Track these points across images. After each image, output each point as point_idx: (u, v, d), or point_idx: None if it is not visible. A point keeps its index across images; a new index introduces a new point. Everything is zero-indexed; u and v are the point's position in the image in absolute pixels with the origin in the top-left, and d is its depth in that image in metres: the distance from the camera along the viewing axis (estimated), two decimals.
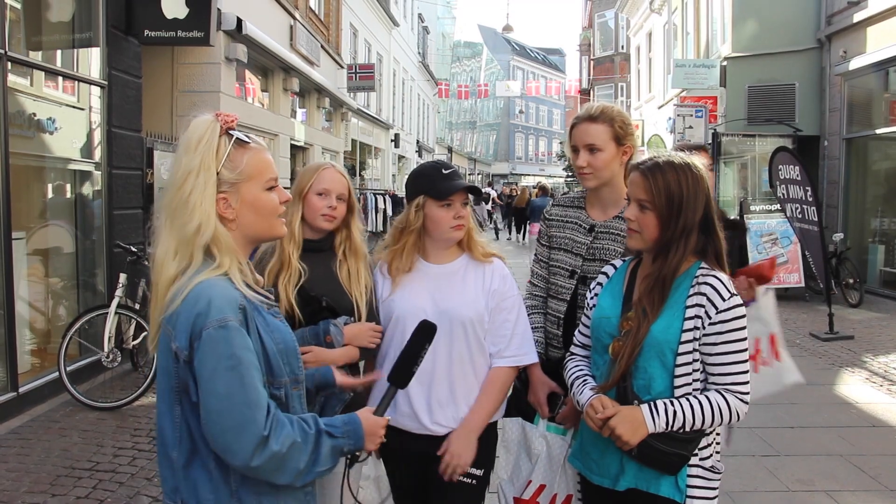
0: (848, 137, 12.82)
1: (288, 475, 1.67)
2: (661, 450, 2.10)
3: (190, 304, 1.64)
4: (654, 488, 2.15)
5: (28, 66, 6.47)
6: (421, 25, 36.69)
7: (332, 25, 18.13)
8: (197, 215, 1.69)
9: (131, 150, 7.59)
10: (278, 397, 1.74)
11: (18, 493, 4.42)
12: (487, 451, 2.59)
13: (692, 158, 2.23)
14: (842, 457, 5.07)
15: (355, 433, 1.80)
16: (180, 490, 1.72)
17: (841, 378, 7.18)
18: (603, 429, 2.11)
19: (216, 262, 1.70)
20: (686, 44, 18.93)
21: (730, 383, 2.12)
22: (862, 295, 10.99)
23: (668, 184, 2.15)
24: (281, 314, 1.85)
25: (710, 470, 2.19)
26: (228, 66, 10.30)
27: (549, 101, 68.27)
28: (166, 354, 1.69)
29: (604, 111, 2.71)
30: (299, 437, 1.67)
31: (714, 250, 2.22)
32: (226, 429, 1.61)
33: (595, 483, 2.28)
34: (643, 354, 2.14)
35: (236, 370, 1.61)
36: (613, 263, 2.44)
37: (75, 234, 7.24)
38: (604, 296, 2.35)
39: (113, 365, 6.36)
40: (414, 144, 33.81)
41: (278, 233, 1.88)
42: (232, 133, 1.76)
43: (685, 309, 2.14)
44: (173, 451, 1.72)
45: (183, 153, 1.74)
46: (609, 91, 33.02)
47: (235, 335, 1.63)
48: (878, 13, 11.35)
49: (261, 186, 1.78)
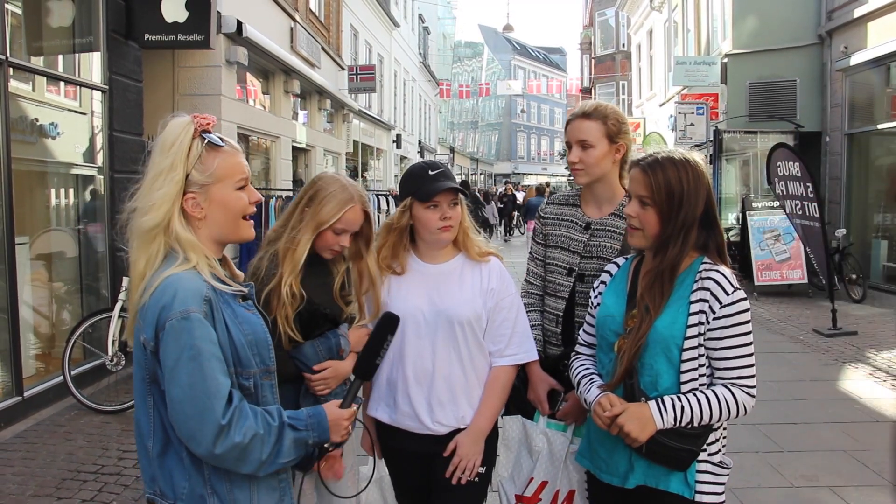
0: (850, 133, 12.79)
1: (250, 465, 1.73)
2: (670, 446, 2.10)
3: (157, 298, 1.70)
4: (663, 485, 2.15)
5: (29, 71, 6.49)
6: (421, 26, 36.70)
7: (332, 27, 18.15)
8: (156, 213, 1.76)
9: (133, 153, 7.60)
10: (247, 388, 1.79)
11: (24, 496, 4.43)
12: (489, 449, 2.59)
13: (692, 154, 2.24)
14: (846, 452, 5.06)
15: (319, 425, 1.86)
16: (157, 479, 1.78)
17: (844, 374, 7.17)
18: (611, 427, 2.12)
19: (183, 257, 1.76)
20: (687, 41, 18.92)
21: (736, 377, 2.13)
22: (865, 290, 10.99)
23: (669, 179, 2.16)
24: (253, 308, 1.89)
25: (718, 465, 2.19)
26: (229, 68, 10.31)
27: (550, 100, 68.25)
28: (138, 346, 1.75)
29: (597, 108, 2.72)
30: (262, 429, 1.73)
31: (716, 245, 2.23)
32: (188, 416, 1.67)
33: (604, 481, 2.28)
34: (649, 351, 2.14)
35: (196, 360, 1.67)
36: (616, 261, 2.44)
37: (78, 239, 7.26)
38: (608, 294, 2.35)
39: (117, 368, 6.37)
40: (416, 145, 33.81)
41: (245, 235, 1.90)
42: (204, 136, 1.81)
43: (689, 304, 2.14)
44: (148, 441, 1.78)
45: (157, 154, 1.82)
46: (610, 89, 33.00)
47: (197, 326, 1.68)
48: (878, 8, 11.32)
49: (230, 187, 1.84)
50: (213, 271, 1.80)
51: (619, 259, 2.45)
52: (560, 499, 2.58)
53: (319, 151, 16.26)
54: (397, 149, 28.15)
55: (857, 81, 12.64)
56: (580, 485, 2.56)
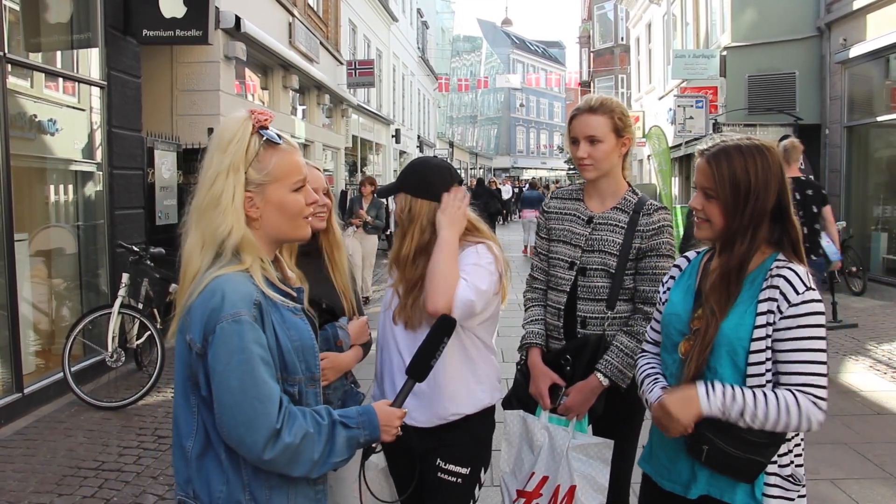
0: (849, 125, 12.79)
1: (303, 467, 1.68)
2: (733, 454, 1.95)
3: (205, 298, 1.65)
4: (728, 496, 2.02)
5: (28, 67, 6.48)
6: (420, 20, 36.62)
7: (330, 22, 18.11)
8: (228, 218, 1.70)
9: (132, 149, 7.60)
10: (292, 394, 1.74)
11: (25, 493, 4.43)
12: (475, 450, 2.54)
13: (765, 142, 2.09)
14: (846, 445, 5.07)
15: (370, 423, 1.80)
16: (192, 481, 1.73)
17: (845, 366, 7.18)
18: (662, 417, 2.00)
19: (238, 259, 1.72)
20: (685, 34, 18.90)
21: (801, 384, 1.93)
22: (865, 283, 10.98)
23: (735, 170, 2.02)
24: (301, 313, 1.84)
25: (788, 479, 2.02)
26: (227, 64, 10.30)
27: (549, 94, 68.20)
28: (182, 344, 1.70)
29: (604, 103, 2.70)
30: (312, 427, 1.68)
31: (790, 241, 2.06)
32: (238, 423, 1.62)
33: (666, 489, 2.16)
34: (714, 353, 2.01)
35: (248, 364, 1.62)
36: (686, 255, 2.30)
37: (77, 235, 7.25)
38: (675, 291, 2.22)
39: (117, 365, 6.38)
40: (415, 140, 33.78)
41: (303, 234, 1.86)
42: (262, 133, 1.75)
43: (757, 304, 1.99)
44: (188, 442, 1.73)
45: (215, 151, 1.75)
46: (609, 83, 32.95)
47: (248, 329, 1.63)
48: (877, 0, 11.31)
49: (287, 188, 1.78)
50: (266, 274, 1.75)
51: (690, 252, 2.30)
52: (561, 494, 2.57)
53: (318, 146, 16.24)
54: (396, 143, 28.12)
55: (856, 74, 12.63)
56: (581, 480, 2.55)
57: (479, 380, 2.54)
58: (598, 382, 2.63)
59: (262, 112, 1.76)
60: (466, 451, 2.50)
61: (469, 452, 2.50)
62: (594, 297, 2.72)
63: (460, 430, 2.49)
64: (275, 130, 1.79)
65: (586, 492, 2.55)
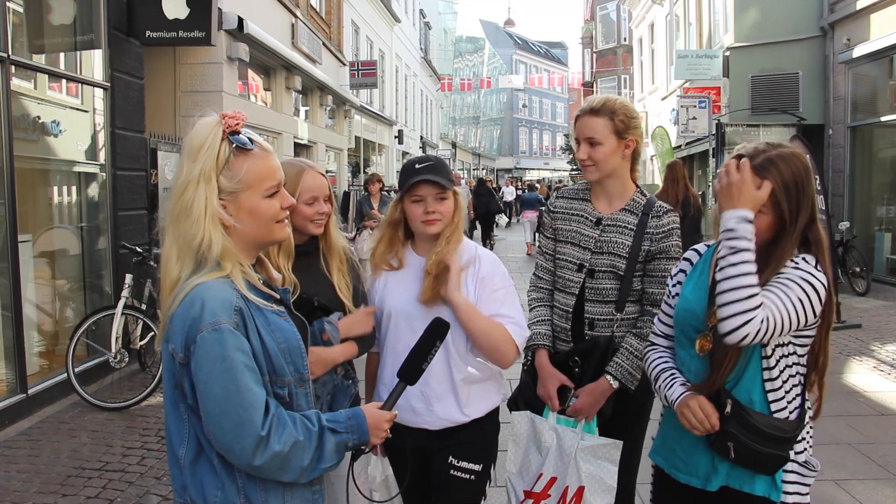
0: (852, 125, 12.77)
1: (293, 473, 1.69)
2: (762, 451, 1.99)
3: (185, 308, 1.64)
4: (748, 487, 2.05)
5: (31, 69, 6.49)
6: (422, 21, 36.63)
7: (333, 23, 18.12)
8: (203, 229, 1.68)
9: (135, 151, 7.60)
10: (282, 396, 1.74)
11: (29, 493, 4.44)
12: (486, 447, 2.56)
13: (793, 145, 2.10)
14: (850, 445, 5.05)
15: (359, 427, 1.80)
16: (188, 488, 1.73)
17: (849, 367, 7.16)
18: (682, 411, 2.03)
19: (219, 266, 1.70)
20: (688, 34, 18.88)
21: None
22: (869, 283, 10.95)
23: (786, 181, 2.01)
24: (286, 314, 1.83)
25: (804, 465, 2.08)
26: (230, 65, 10.31)
27: (552, 95, 68.16)
28: (167, 354, 1.70)
29: (605, 104, 2.68)
30: (301, 435, 1.68)
31: (815, 239, 2.08)
32: (225, 431, 1.62)
33: (682, 482, 2.17)
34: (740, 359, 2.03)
35: (230, 372, 1.62)
36: (697, 248, 2.27)
37: (81, 236, 7.26)
38: (688, 285, 2.20)
39: (121, 365, 6.39)
40: (418, 140, 33.78)
41: (280, 237, 1.84)
42: (232, 139, 1.72)
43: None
44: (180, 449, 1.73)
45: (185, 158, 1.72)
46: (612, 83, 32.95)
47: (229, 337, 1.62)
48: (880, 0, 11.29)
49: (260, 195, 1.74)
50: (248, 278, 1.73)
51: (700, 245, 2.28)
52: (569, 495, 2.57)
53: (321, 147, 16.26)
54: (399, 144, 28.13)
55: (859, 74, 12.61)
56: (590, 480, 2.55)
57: (488, 382, 2.57)
58: (608, 385, 2.63)
59: (232, 116, 1.72)
60: (478, 448, 2.52)
61: (480, 449, 2.53)
62: (602, 299, 2.71)
63: (471, 429, 2.52)
64: (247, 134, 1.75)
65: (595, 492, 2.56)
